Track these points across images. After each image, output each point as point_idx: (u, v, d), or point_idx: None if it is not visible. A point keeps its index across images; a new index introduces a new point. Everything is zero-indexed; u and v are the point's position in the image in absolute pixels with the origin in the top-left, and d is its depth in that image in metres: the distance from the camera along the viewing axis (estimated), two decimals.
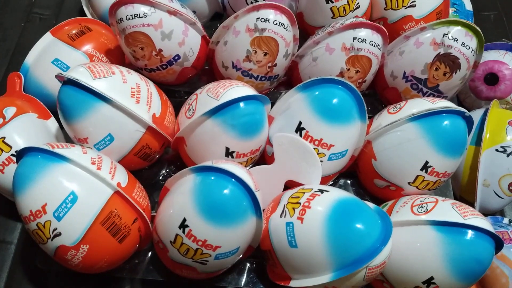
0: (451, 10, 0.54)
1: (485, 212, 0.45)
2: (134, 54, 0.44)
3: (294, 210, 0.36)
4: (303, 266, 0.35)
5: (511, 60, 0.51)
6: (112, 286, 0.41)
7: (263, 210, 0.37)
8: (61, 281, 0.41)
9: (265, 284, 0.40)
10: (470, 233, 0.34)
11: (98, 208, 0.34)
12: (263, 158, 0.46)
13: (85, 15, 0.55)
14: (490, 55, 0.52)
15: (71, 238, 0.33)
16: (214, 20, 0.56)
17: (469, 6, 0.56)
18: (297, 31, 0.46)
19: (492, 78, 0.51)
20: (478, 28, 0.44)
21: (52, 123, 0.45)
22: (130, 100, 0.39)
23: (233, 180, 0.34)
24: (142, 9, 0.42)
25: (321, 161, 0.41)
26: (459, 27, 0.44)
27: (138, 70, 0.47)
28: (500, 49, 0.52)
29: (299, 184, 0.41)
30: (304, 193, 0.37)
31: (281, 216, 0.36)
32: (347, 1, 0.47)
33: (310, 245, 0.34)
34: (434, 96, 0.47)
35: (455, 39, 0.44)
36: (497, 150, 0.45)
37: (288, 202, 0.37)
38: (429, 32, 0.45)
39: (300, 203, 0.36)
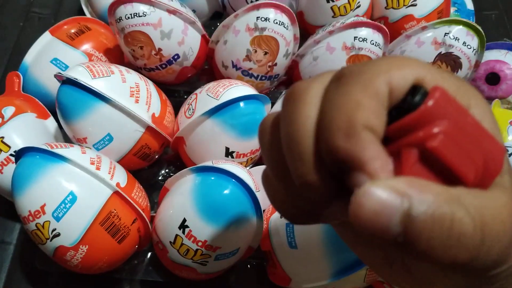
0: (452, 10, 0.54)
1: None
2: (133, 54, 0.44)
3: None
4: (303, 267, 0.35)
5: None
6: (111, 287, 0.40)
7: (264, 210, 0.37)
8: (60, 281, 0.41)
9: (265, 285, 0.40)
10: None
11: (97, 209, 0.34)
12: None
13: (84, 14, 0.55)
14: (491, 55, 0.51)
15: (70, 239, 0.33)
16: (213, 19, 0.56)
17: (470, 6, 0.56)
18: (297, 30, 0.45)
19: (493, 78, 0.51)
20: (479, 28, 0.44)
21: (51, 122, 0.45)
22: (129, 99, 0.39)
23: (233, 180, 0.34)
24: (142, 8, 0.41)
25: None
26: (461, 27, 0.44)
27: (137, 69, 0.46)
28: (501, 48, 0.51)
29: None
30: None
31: (281, 217, 0.36)
32: (348, 0, 0.47)
33: (310, 246, 0.34)
34: None
35: (457, 39, 0.44)
36: None
37: None
38: (430, 32, 0.45)
39: None
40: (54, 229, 0.33)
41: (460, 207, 0.13)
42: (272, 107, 0.44)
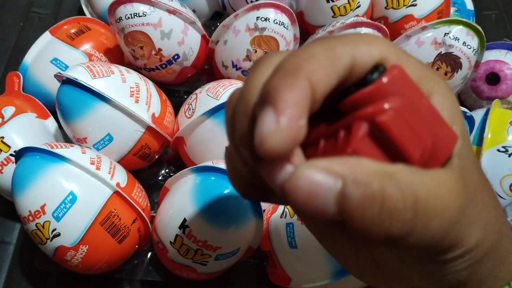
0: (452, 10, 0.54)
1: None
2: (133, 54, 0.44)
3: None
4: (303, 267, 0.35)
5: None
6: (111, 287, 0.40)
7: (264, 210, 0.37)
8: (60, 282, 0.41)
9: (265, 285, 0.40)
10: None
11: (98, 209, 0.34)
12: None
13: (84, 14, 0.55)
14: (491, 55, 0.51)
15: (70, 239, 0.33)
16: (214, 19, 0.56)
17: (470, 6, 0.56)
18: (297, 30, 0.45)
19: (493, 78, 0.51)
20: (479, 28, 0.44)
21: (51, 122, 0.45)
22: (129, 99, 0.39)
23: None
24: (142, 8, 0.41)
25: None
26: (460, 27, 0.44)
27: (137, 69, 0.46)
28: (501, 48, 0.51)
29: None
30: None
31: (281, 217, 0.36)
32: (348, 0, 0.47)
33: (310, 246, 0.34)
34: None
35: (457, 39, 0.44)
36: (498, 150, 0.45)
37: None
38: (430, 32, 0.45)
39: None
40: (54, 229, 0.33)
41: (391, 183, 0.13)
42: None
